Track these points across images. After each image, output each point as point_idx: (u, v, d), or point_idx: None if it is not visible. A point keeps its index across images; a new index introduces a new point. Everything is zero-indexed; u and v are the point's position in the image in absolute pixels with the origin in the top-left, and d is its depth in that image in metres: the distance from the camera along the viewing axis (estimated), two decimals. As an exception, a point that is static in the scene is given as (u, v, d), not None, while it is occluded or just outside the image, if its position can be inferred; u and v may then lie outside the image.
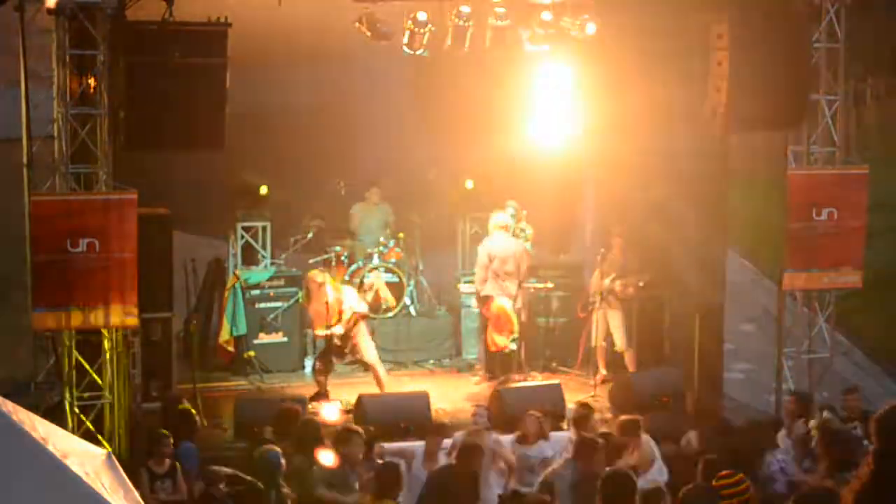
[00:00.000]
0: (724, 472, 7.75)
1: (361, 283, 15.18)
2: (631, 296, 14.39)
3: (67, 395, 11.40)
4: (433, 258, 16.26)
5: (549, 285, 15.15)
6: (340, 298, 13.52)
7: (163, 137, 11.47)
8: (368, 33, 12.63)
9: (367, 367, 13.83)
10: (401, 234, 15.76)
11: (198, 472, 10.81)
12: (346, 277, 15.12)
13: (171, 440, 10.88)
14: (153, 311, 12.72)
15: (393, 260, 15.54)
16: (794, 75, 12.68)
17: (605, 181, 15.65)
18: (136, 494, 6.43)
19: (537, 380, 14.29)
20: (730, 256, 15.10)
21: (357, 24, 12.64)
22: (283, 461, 9.99)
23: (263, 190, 15.18)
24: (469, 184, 16.25)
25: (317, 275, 13.69)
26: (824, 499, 6.98)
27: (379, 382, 13.61)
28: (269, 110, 14.95)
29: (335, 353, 13.71)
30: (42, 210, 11.24)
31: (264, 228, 15.17)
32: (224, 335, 14.75)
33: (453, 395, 14.01)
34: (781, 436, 11.47)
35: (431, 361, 15.51)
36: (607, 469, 8.39)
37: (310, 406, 12.88)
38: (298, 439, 10.60)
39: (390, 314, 15.45)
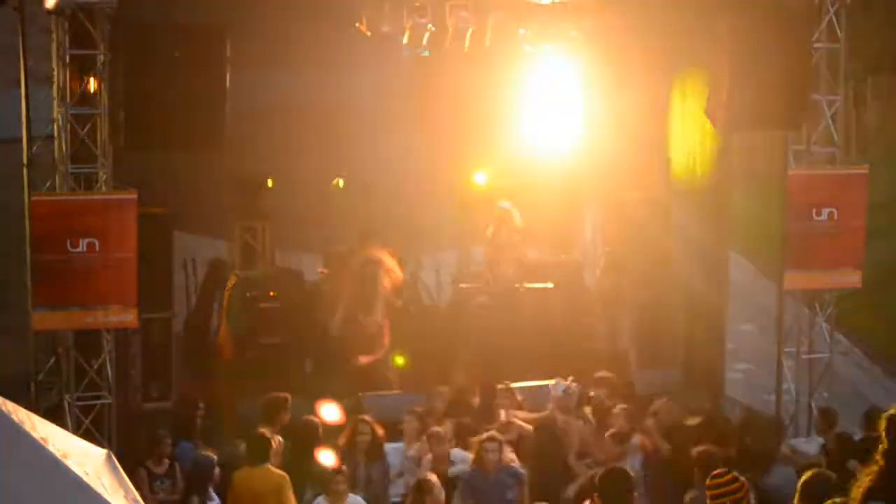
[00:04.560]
0: (717, 472, 7.61)
1: None
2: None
3: (67, 395, 11.40)
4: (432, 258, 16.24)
5: (549, 285, 15.12)
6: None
7: (163, 137, 11.45)
8: (368, 33, 12.62)
9: None
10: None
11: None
12: None
13: (171, 440, 10.89)
14: (153, 311, 12.71)
15: None
16: (794, 75, 12.66)
17: (605, 181, 15.63)
18: (136, 494, 6.44)
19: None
20: (730, 256, 15.09)
21: (357, 24, 12.63)
22: (216, 469, 10.02)
23: (269, 183, 15.15)
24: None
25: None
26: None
27: None
28: (269, 110, 14.91)
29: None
30: (42, 210, 11.24)
31: (264, 228, 15.15)
32: (224, 335, 14.72)
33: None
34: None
35: None
36: (604, 468, 8.38)
37: None
38: (296, 439, 10.61)
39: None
